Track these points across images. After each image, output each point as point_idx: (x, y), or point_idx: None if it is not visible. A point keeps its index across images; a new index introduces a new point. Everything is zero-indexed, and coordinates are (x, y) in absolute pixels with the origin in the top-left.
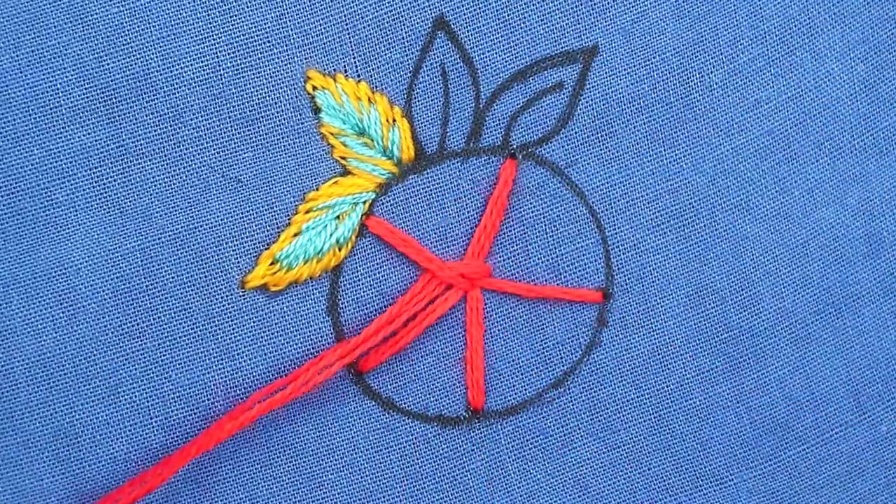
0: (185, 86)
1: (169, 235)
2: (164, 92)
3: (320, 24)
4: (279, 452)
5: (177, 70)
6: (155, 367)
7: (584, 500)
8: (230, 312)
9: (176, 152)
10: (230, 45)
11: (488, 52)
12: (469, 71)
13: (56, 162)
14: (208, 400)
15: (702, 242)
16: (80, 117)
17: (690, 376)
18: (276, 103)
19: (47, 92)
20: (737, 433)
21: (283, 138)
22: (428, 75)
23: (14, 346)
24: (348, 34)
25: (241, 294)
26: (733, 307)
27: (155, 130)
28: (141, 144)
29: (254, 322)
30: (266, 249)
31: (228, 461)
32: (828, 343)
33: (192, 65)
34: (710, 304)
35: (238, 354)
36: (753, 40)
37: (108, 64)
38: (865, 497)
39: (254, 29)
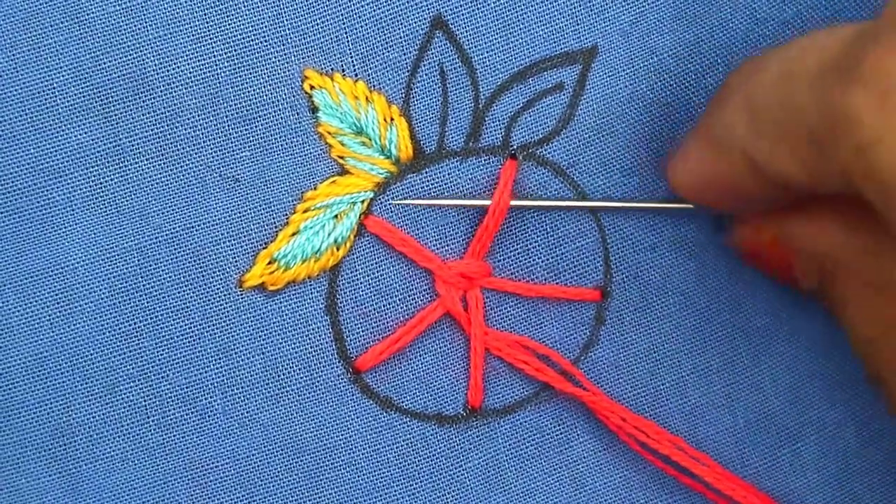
0: (182, 85)
1: (166, 234)
2: (161, 91)
3: (318, 23)
4: (277, 451)
5: (174, 69)
6: (152, 366)
7: (580, 498)
8: (228, 312)
9: (173, 151)
10: (227, 44)
11: (487, 52)
12: (468, 71)
13: (53, 161)
14: (206, 399)
15: (699, 241)
16: (77, 116)
17: (686, 374)
18: (273, 102)
19: (44, 91)
20: (732, 431)
21: (280, 137)
22: (426, 74)
23: (11, 344)
24: (346, 33)
25: (238, 293)
26: (728, 306)
27: (152, 129)
28: (138, 143)
29: (252, 321)
30: (264, 249)
31: (227, 460)
32: (822, 341)
33: (188, 64)
34: (705, 304)
35: (236, 353)
36: (749, 42)
37: (104, 63)
38: (858, 496)
39: (251, 28)
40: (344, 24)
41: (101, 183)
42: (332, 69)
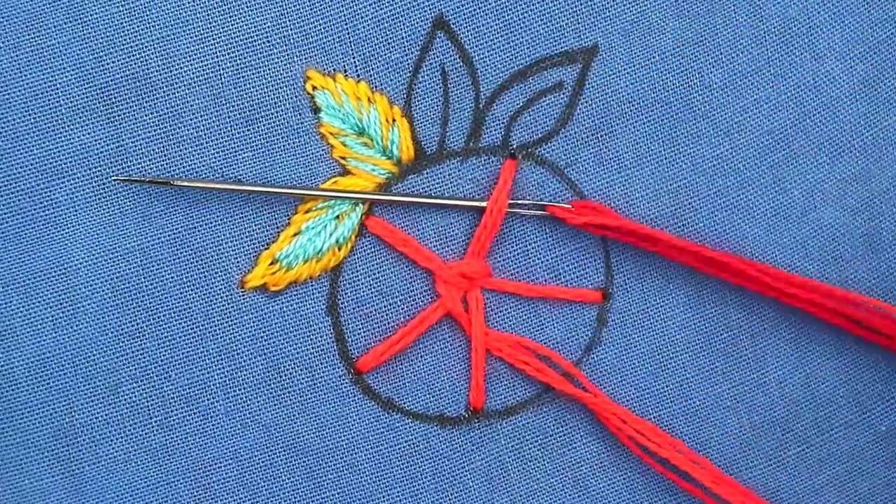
0: (184, 86)
1: (168, 235)
2: (164, 92)
3: (320, 24)
4: (279, 452)
5: (176, 70)
6: (154, 367)
7: (583, 499)
8: (230, 312)
9: (175, 152)
10: (230, 45)
11: (488, 52)
12: (469, 71)
13: (56, 161)
14: (208, 400)
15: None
16: (80, 117)
17: (690, 376)
18: (275, 103)
19: (47, 92)
20: (737, 433)
21: (282, 138)
22: (427, 75)
23: (14, 345)
24: (348, 34)
25: (240, 294)
26: (733, 307)
27: (154, 130)
28: (140, 144)
29: (253, 322)
30: (266, 249)
31: (229, 461)
32: (827, 343)
33: (191, 65)
34: (709, 304)
35: (237, 354)
36: (753, 40)
37: (107, 64)
38: (865, 496)
39: (253, 29)
40: (346, 25)
41: (103, 184)
42: (334, 70)
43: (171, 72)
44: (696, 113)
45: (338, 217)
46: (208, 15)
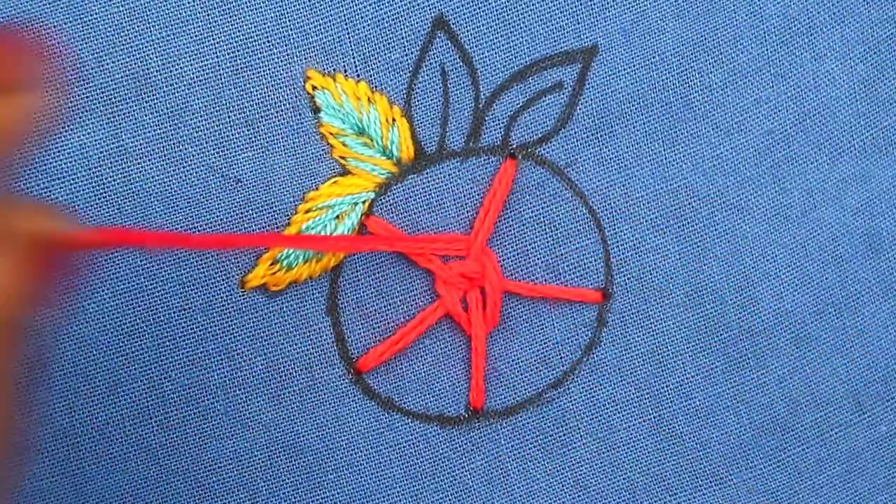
0: (184, 85)
1: None
2: (164, 92)
3: (320, 24)
4: (279, 452)
5: (176, 70)
6: (154, 367)
7: (583, 500)
8: (230, 312)
9: (175, 152)
10: (230, 44)
11: (488, 51)
12: (469, 71)
13: (56, 162)
14: (208, 400)
15: (701, 242)
16: (80, 117)
17: (690, 376)
18: (275, 103)
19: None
20: (736, 433)
21: (282, 138)
22: (427, 75)
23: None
24: (348, 34)
25: (241, 294)
26: (732, 307)
27: (154, 130)
28: (140, 144)
29: (253, 322)
30: (266, 250)
31: (229, 461)
32: (827, 343)
33: (191, 64)
34: (709, 304)
35: (238, 354)
36: (753, 40)
37: (107, 64)
38: (865, 497)
39: (253, 28)
40: (346, 24)
41: (103, 184)
42: (334, 70)
43: (171, 71)
44: (696, 113)
45: (338, 217)
46: (208, 15)
